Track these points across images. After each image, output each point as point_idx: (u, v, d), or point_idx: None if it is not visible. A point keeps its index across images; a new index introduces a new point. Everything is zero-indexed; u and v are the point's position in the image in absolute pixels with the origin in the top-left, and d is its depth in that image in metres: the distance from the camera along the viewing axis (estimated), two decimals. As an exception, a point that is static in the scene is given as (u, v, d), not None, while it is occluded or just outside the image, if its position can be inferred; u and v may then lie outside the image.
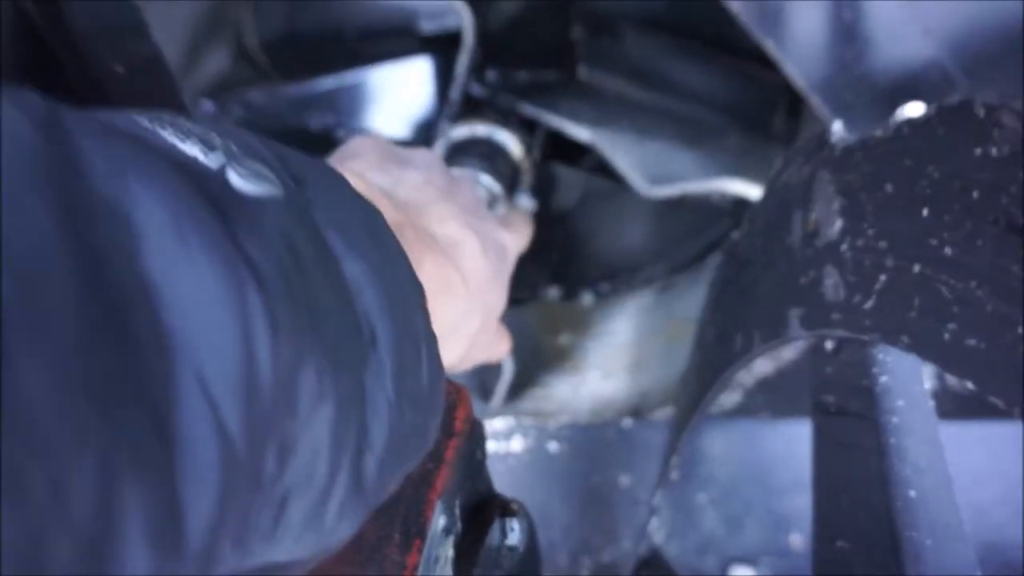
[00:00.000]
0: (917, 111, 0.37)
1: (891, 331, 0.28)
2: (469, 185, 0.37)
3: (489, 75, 0.65)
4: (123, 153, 0.15)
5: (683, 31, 0.64)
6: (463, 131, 0.60)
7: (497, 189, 0.56)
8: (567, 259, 0.75)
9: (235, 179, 0.17)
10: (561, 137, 0.64)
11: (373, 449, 0.19)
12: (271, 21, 0.65)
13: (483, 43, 0.59)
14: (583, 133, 0.61)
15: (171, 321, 0.14)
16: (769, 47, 0.40)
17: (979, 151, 0.24)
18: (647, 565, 0.57)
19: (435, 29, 0.63)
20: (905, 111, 0.37)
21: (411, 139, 0.65)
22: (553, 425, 0.71)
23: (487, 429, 0.32)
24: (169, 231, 0.14)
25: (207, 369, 0.14)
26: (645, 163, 0.60)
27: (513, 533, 0.31)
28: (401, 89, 0.63)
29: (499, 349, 0.43)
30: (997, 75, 0.40)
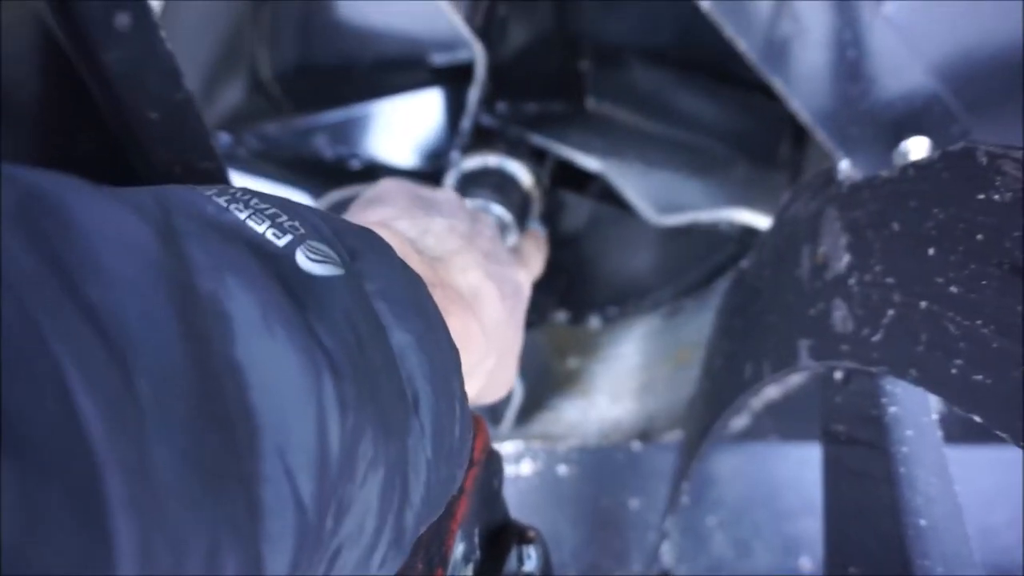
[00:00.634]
0: (921, 147, 0.38)
1: (899, 364, 0.29)
2: (487, 224, 0.38)
3: (499, 106, 0.66)
4: (218, 248, 0.17)
5: (689, 63, 0.65)
6: (475, 162, 0.61)
7: (508, 219, 0.57)
8: (575, 283, 0.76)
9: (303, 260, 0.19)
10: (568, 164, 0.64)
11: (412, 505, 0.20)
12: (286, 55, 0.66)
13: (493, 75, 0.60)
14: (592, 163, 0.62)
15: (257, 402, 0.15)
16: (776, 84, 0.41)
17: (982, 196, 0.25)
18: (658, 588, 0.58)
19: (446, 62, 0.64)
20: (909, 147, 0.38)
21: (423, 169, 0.66)
22: (562, 448, 0.71)
23: (497, 453, 0.33)
24: (258, 322, 0.16)
25: (287, 446, 0.16)
26: (653, 192, 0.61)
27: (530, 560, 0.31)
28: (413, 120, 0.64)
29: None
30: (997, 111, 0.41)
